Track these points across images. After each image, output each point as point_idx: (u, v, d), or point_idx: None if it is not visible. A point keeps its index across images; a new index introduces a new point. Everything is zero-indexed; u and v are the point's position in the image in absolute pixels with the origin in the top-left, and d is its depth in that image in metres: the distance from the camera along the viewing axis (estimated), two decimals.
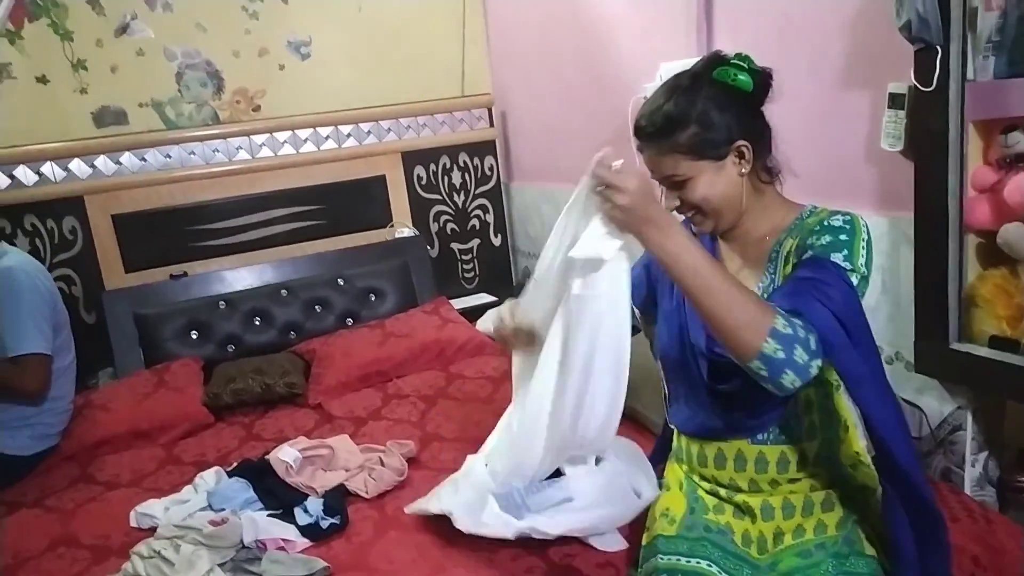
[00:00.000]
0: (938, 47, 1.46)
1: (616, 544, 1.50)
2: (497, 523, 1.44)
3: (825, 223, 1.21)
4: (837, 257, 1.17)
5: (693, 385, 1.35)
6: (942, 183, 1.52)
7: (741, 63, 1.24)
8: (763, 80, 1.25)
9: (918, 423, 1.73)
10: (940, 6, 1.43)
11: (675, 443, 1.49)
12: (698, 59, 1.32)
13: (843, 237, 1.19)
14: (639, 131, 1.28)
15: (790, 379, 1.09)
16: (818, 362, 1.10)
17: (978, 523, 1.49)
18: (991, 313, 1.53)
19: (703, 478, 1.40)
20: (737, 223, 1.30)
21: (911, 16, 1.44)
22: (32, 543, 1.76)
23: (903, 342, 1.72)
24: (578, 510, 1.47)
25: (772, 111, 1.28)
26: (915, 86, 1.54)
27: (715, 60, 1.27)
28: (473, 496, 1.52)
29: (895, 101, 1.61)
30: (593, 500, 1.48)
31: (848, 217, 1.22)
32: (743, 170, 1.26)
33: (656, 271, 1.43)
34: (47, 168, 2.72)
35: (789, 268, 1.23)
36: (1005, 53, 1.42)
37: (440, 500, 1.58)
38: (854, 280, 1.17)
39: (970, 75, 1.46)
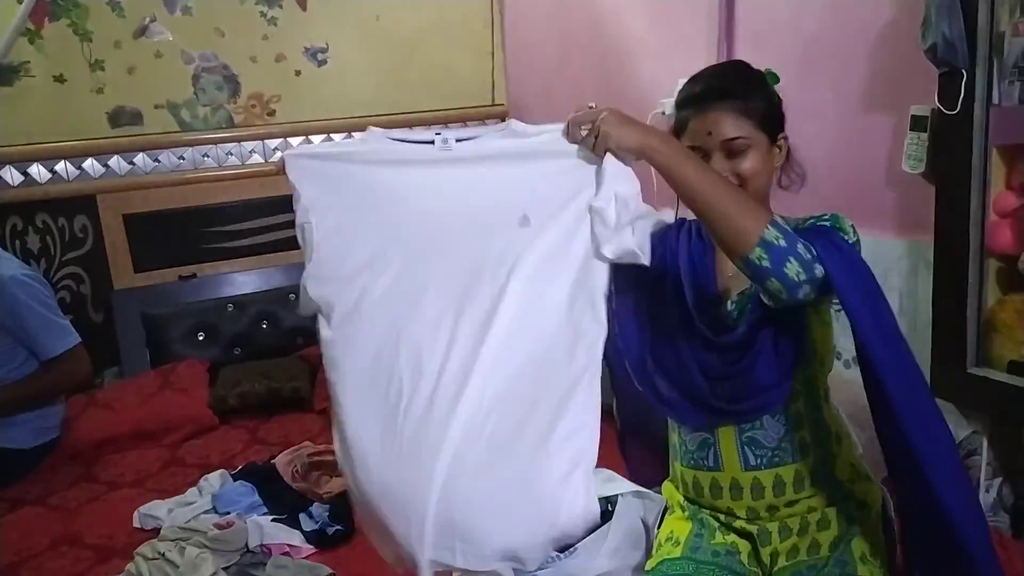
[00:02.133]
0: (963, 71, 1.45)
1: None
2: None
3: (810, 220, 1.21)
4: (825, 223, 1.17)
5: (687, 375, 1.29)
6: (964, 207, 1.51)
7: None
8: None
9: None
10: (967, 30, 1.43)
11: (671, 470, 1.47)
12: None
13: (826, 219, 1.18)
14: (709, 90, 1.23)
15: (795, 270, 1.05)
16: (821, 269, 1.07)
17: None
18: (1010, 338, 1.51)
19: (701, 507, 1.39)
20: None
21: (937, 39, 1.44)
22: (35, 541, 1.75)
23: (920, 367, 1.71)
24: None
25: (794, 128, 1.28)
26: (938, 109, 1.53)
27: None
28: None
29: (917, 123, 1.61)
30: (608, 564, 1.35)
31: (832, 214, 1.21)
32: (777, 163, 1.26)
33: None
34: (61, 166, 2.72)
35: None
36: None
37: None
38: (848, 240, 1.15)
39: (995, 100, 1.46)
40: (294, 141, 3.01)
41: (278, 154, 2.99)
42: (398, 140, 1.21)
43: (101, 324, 2.79)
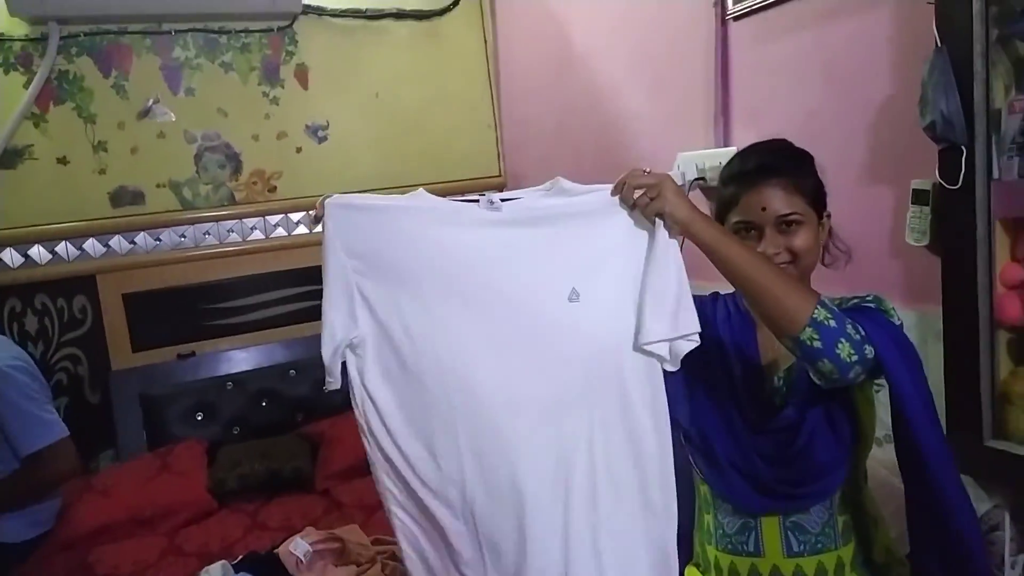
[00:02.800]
0: (963, 147, 1.48)
1: None
2: None
3: (853, 299, 1.22)
4: (870, 305, 1.19)
5: (743, 457, 1.27)
6: (971, 279, 1.51)
7: None
8: None
9: None
10: (964, 107, 1.46)
11: (699, 554, 1.42)
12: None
13: (870, 300, 1.21)
14: (761, 167, 1.24)
15: (847, 351, 1.05)
16: (872, 349, 1.07)
17: None
18: None
19: None
20: None
21: (935, 117, 1.47)
22: None
23: None
24: None
25: None
26: (940, 183, 1.55)
27: None
28: None
29: (919, 197, 1.62)
30: None
31: (879, 295, 1.23)
32: (823, 240, 1.27)
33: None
34: (61, 247, 2.72)
35: None
36: None
37: None
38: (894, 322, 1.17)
39: (995, 174, 1.48)
40: (294, 216, 3.03)
41: (279, 231, 3.01)
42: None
43: (98, 405, 2.74)
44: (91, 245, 2.76)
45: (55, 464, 2.03)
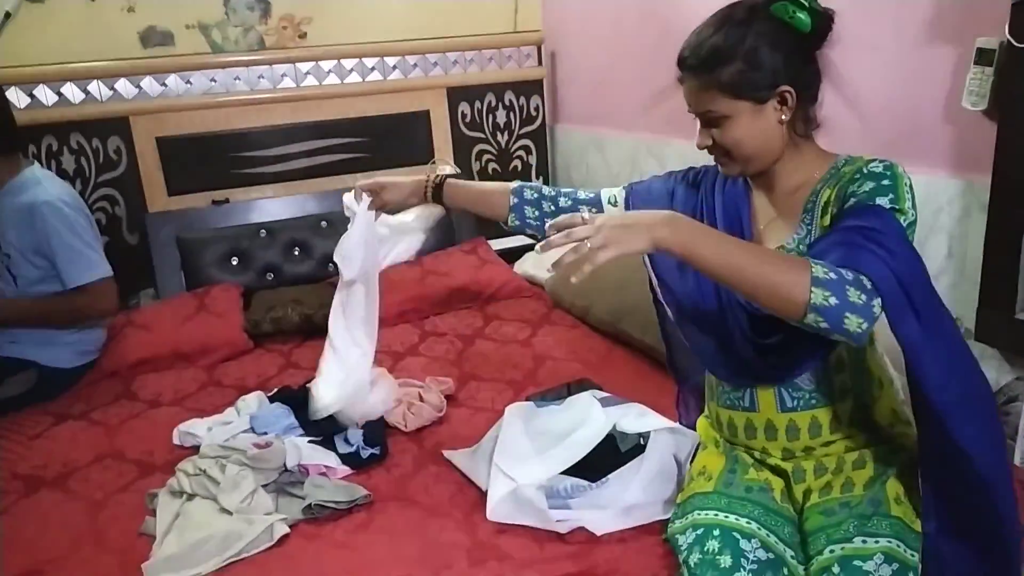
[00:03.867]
0: None
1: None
2: (539, 518, 1.40)
3: (864, 170, 1.15)
4: (883, 201, 1.11)
5: (728, 338, 1.30)
6: None
7: (803, 0, 1.16)
8: (824, 22, 1.17)
9: None
10: None
11: (706, 407, 1.47)
12: None
13: (885, 182, 1.13)
14: (681, 61, 1.22)
15: (855, 322, 1.03)
16: (879, 300, 1.04)
17: None
18: None
19: (735, 445, 1.39)
20: (767, 171, 1.25)
21: None
22: (79, 454, 1.80)
23: (965, 310, 1.67)
24: (626, 511, 1.40)
25: (850, 60, 1.22)
26: (1008, 41, 1.45)
27: None
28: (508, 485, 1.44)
29: (983, 57, 1.53)
30: (641, 497, 1.41)
31: (887, 163, 1.16)
32: (783, 117, 1.20)
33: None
34: (94, 87, 2.70)
35: (828, 220, 1.18)
36: None
37: (478, 472, 1.56)
38: (903, 223, 1.11)
39: None
40: (325, 65, 2.96)
41: (309, 79, 2.95)
42: None
43: (135, 246, 2.81)
44: (123, 86, 2.74)
45: (96, 300, 2.12)
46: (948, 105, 1.66)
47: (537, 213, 1.52)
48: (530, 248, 3.14)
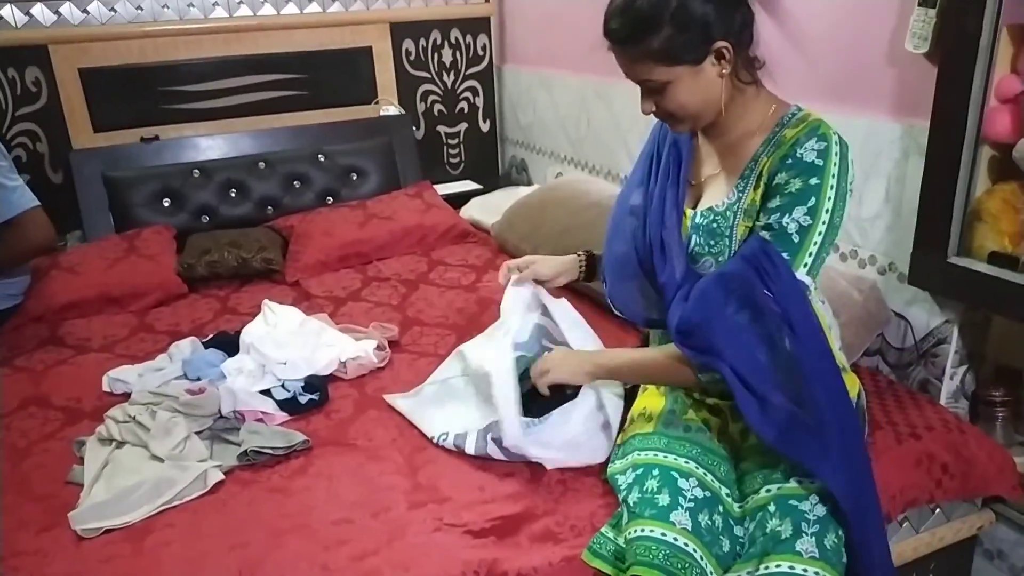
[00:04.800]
0: None
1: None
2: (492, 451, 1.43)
3: (798, 153, 1.17)
4: (794, 220, 1.17)
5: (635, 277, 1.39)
6: (965, 89, 1.45)
7: None
8: None
9: (903, 334, 1.74)
10: None
11: (649, 342, 1.49)
12: None
13: (813, 181, 1.16)
14: (607, 34, 1.20)
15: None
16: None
17: (952, 433, 1.52)
18: (995, 228, 1.50)
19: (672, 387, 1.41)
20: (715, 124, 1.26)
21: None
22: (3, 401, 1.72)
23: (899, 253, 1.71)
24: (571, 446, 1.41)
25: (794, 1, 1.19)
26: None
27: None
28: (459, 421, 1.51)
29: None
30: (581, 431, 1.41)
31: (823, 146, 1.17)
32: (723, 71, 1.18)
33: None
34: (7, 11, 2.51)
35: (759, 193, 1.22)
36: None
37: (421, 415, 1.57)
38: (805, 261, 1.18)
39: None
40: None
41: (243, 9, 2.80)
42: None
43: (60, 185, 2.67)
44: (40, 11, 2.55)
45: (30, 233, 2.03)
46: (891, 48, 1.66)
47: None
48: (476, 193, 3.09)
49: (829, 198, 1.17)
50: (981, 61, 1.43)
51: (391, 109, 3.09)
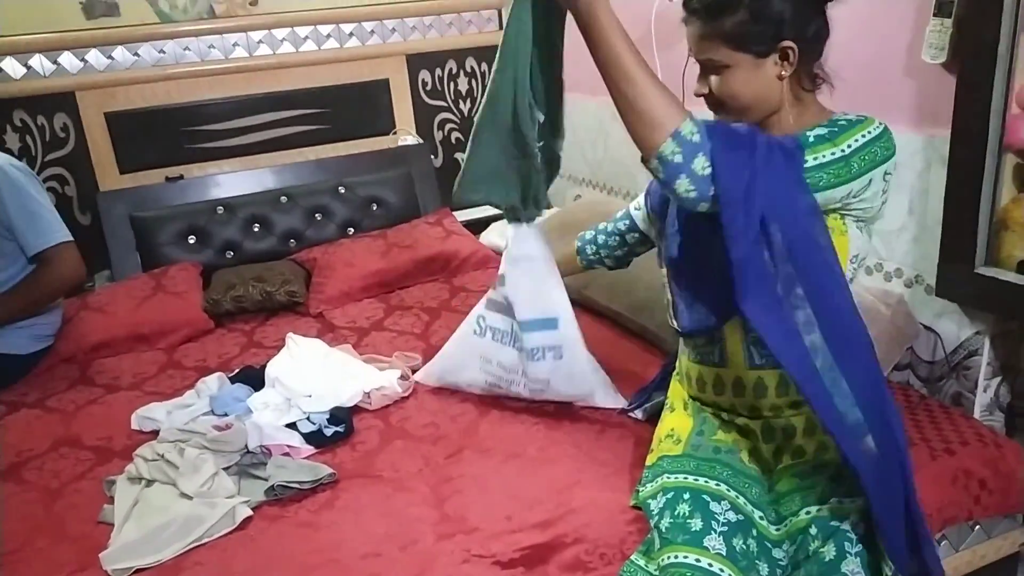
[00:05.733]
0: None
1: (614, 402, 1.66)
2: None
3: (844, 122, 1.16)
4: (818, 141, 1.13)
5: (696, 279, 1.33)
6: (985, 98, 1.44)
7: None
8: None
9: (933, 347, 1.71)
10: None
11: (678, 363, 1.47)
12: None
13: (841, 123, 1.16)
14: (686, 3, 1.20)
15: (684, 186, 1.08)
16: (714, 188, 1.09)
17: (987, 447, 1.48)
18: (1022, 237, 1.47)
19: (704, 404, 1.38)
20: (764, 124, 1.23)
21: None
22: (34, 443, 1.75)
23: (926, 265, 1.68)
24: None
25: None
26: None
27: None
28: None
29: (942, 9, 1.51)
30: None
31: (863, 117, 1.17)
32: (783, 72, 1.18)
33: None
34: (36, 61, 2.59)
35: None
36: None
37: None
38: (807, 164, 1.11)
39: None
40: (278, 33, 2.86)
41: (263, 48, 2.86)
42: None
43: (88, 227, 2.73)
44: (67, 59, 2.63)
45: (62, 266, 2.05)
46: (909, 59, 1.64)
47: (594, 248, 1.71)
48: (496, 218, 3.10)
49: (856, 139, 1.13)
50: (1000, 69, 1.42)
51: (409, 139, 3.12)
